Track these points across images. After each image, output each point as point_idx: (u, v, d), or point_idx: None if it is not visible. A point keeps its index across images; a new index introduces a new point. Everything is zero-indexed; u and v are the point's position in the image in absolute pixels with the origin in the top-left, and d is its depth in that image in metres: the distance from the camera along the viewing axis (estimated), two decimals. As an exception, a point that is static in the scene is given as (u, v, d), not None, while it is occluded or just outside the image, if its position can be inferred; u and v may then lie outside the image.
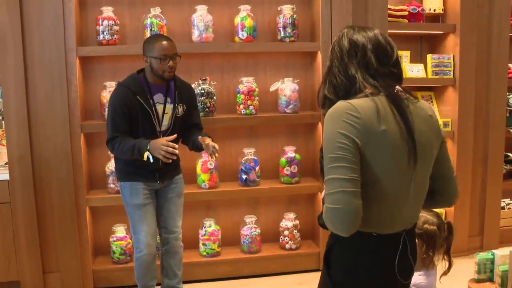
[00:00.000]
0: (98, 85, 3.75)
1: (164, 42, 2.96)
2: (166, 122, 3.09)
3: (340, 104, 1.60)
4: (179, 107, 3.11)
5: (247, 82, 3.78)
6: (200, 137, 2.98)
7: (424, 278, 2.24)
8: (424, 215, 2.25)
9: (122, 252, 3.76)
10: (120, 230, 3.78)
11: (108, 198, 3.68)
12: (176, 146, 2.86)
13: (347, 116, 1.56)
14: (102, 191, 3.79)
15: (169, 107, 3.09)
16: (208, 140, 2.96)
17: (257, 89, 3.81)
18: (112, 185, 3.70)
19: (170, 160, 2.84)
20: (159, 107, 3.06)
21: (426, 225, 2.22)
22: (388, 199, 1.62)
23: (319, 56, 3.82)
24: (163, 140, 2.86)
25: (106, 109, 3.09)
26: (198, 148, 3.09)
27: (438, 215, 2.33)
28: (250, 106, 3.78)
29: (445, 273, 2.26)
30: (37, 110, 3.51)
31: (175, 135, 2.95)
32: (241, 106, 3.79)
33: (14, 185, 3.53)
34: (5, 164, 3.64)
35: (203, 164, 3.78)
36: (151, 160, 2.81)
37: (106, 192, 3.75)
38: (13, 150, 3.50)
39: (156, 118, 3.03)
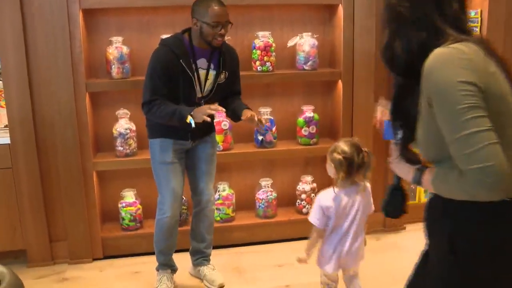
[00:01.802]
0: (104, 41, 3.47)
1: (218, 8, 2.76)
2: (207, 88, 2.94)
3: (442, 51, 1.37)
4: (221, 74, 2.96)
5: (263, 37, 3.53)
6: (244, 113, 2.88)
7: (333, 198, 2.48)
8: (337, 144, 2.49)
9: (132, 219, 3.58)
10: (129, 195, 3.59)
11: (116, 162, 3.48)
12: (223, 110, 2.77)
13: (460, 61, 1.34)
14: (109, 154, 3.57)
15: (212, 73, 2.93)
16: (249, 113, 2.86)
17: (274, 45, 3.56)
18: (120, 148, 3.48)
19: (209, 119, 2.67)
20: (202, 73, 2.90)
21: (334, 154, 2.43)
22: None
23: (340, 10, 3.56)
24: (206, 107, 2.73)
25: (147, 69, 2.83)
26: (236, 117, 2.97)
27: (353, 144, 2.46)
28: (267, 63, 3.54)
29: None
30: (38, 67, 3.26)
31: (222, 108, 2.77)
32: (257, 63, 3.55)
33: (16, 148, 3.32)
34: (5, 126, 3.40)
35: (217, 125, 3.55)
36: (193, 125, 2.68)
37: (114, 155, 3.53)
38: (14, 111, 3.27)
39: (198, 84, 2.88)
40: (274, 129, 3.66)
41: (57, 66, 3.24)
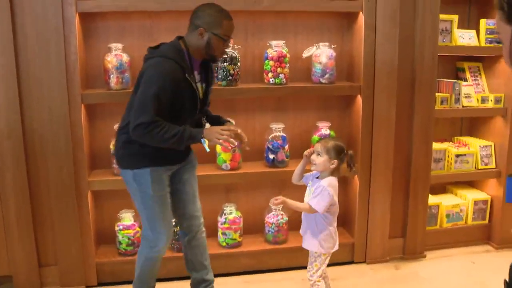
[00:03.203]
0: (102, 47, 3.18)
1: (232, 21, 2.55)
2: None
3: None
4: (210, 87, 2.74)
5: (277, 46, 3.24)
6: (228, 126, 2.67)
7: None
8: (326, 138, 2.84)
9: (130, 243, 3.28)
10: (127, 217, 3.29)
11: (113, 181, 3.16)
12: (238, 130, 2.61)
13: None
14: (106, 171, 3.27)
15: (202, 86, 2.68)
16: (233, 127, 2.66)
17: (288, 55, 3.26)
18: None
19: (230, 148, 2.50)
20: (199, 86, 2.63)
21: (330, 142, 2.69)
22: None
23: (361, 18, 3.26)
24: (218, 128, 2.52)
25: (138, 77, 2.51)
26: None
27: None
28: (280, 75, 3.23)
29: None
30: (28, 75, 2.97)
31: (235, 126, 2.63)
32: (270, 74, 3.25)
33: (3, 164, 3.03)
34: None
35: (224, 142, 3.24)
36: (207, 149, 2.47)
37: (111, 173, 3.23)
38: (1, 123, 2.98)
39: (198, 99, 2.59)
40: (286, 147, 3.36)
41: (50, 75, 2.95)
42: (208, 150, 2.47)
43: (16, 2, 2.88)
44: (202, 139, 2.45)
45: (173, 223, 2.84)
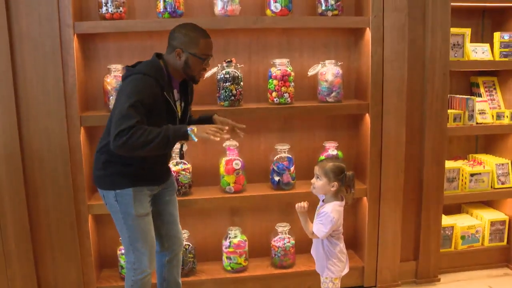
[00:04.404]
0: (101, 69, 3.13)
1: (209, 39, 2.52)
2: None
3: None
4: (186, 104, 2.69)
5: (281, 65, 3.14)
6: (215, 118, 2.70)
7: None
8: (325, 160, 2.68)
9: (132, 267, 3.18)
10: (128, 241, 3.19)
11: (114, 204, 3.08)
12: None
13: None
14: (107, 194, 3.18)
15: (180, 104, 2.64)
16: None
17: (293, 73, 3.16)
18: (118, 188, 3.08)
19: (218, 139, 2.37)
20: (177, 104, 2.59)
21: (330, 164, 2.59)
22: None
23: (368, 34, 3.15)
24: (209, 127, 2.43)
25: (116, 97, 2.45)
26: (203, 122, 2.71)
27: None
28: (284, 94, 3.13)
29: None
30: (27, 99, 2.92)
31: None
32: (274, 94, 3.15)
33: (2, 188, 2.98)
34: (-8, 162, 3.06)
35: (228, 164, 3.16)
36: (195, 139, 2.36)
37: (112, 196, 3.14)
38: (-1, 146, 2.92)
39: (177, 117, 2.55)
40: (292, 168, 3.25)
41: (48, 98, 2.90)
42: (195, 139, 2.35)
43: (14, 26, 2.84)
44: (188, 129, 2.34)
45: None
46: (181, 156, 2.88)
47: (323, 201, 2.65)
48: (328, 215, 2.53)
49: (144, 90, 2.35)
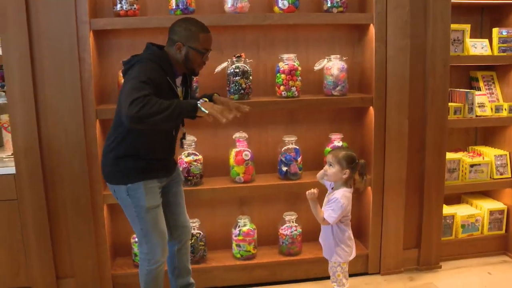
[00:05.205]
0: (115, 63, 3.24)
1: (209, 33, 2.57)
2: None
3: None
4: (185, 96, 2.77)
5: (288, 60, 3.26)
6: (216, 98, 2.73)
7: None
8: (337, 148, 2.92)
9: (145, 255, 3.30)
10: (142, 230, 3.31)
11: (128, 194, 3.20)
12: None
13: None
14: (121, 185, 3.30)
15: (181, 92, 2.73)
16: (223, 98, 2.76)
17: (299, 68, 3.28)
18: (132, 179, 3.21)
19: (224, 120, 2.37)
20: (179, 91, 2.69)
21: (342, 152, 2.74)
22: None
23: (372, 30, 3.27)
24: (218, 106, 2.48)
25: (123, 84, 2.48)
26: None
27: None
28: (292, 88, 3.25)
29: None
30: (45, 93, 3.04)
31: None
32: (282, 88, 3.27)
33: (21, 179, 3.10)
34: (11, 154, 3.18)
35: (237, 155, 3.28)
36: (206, 111, 2.37)
37: (126, 186, 3.26)
38: (19, 140, 3.05)
39: None
40: (299, 159, 3.37)
41: (65, 92, 3.02)
42: (206, 112, 2.37)
43: (33, 25, 2.95)
44: (198, 102, 2.39)
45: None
46: (181, 145, 2.94)
47: (332, 188, 2.78)
48: (338, 201, 2.67)
49: (153, 71, 2.41)
